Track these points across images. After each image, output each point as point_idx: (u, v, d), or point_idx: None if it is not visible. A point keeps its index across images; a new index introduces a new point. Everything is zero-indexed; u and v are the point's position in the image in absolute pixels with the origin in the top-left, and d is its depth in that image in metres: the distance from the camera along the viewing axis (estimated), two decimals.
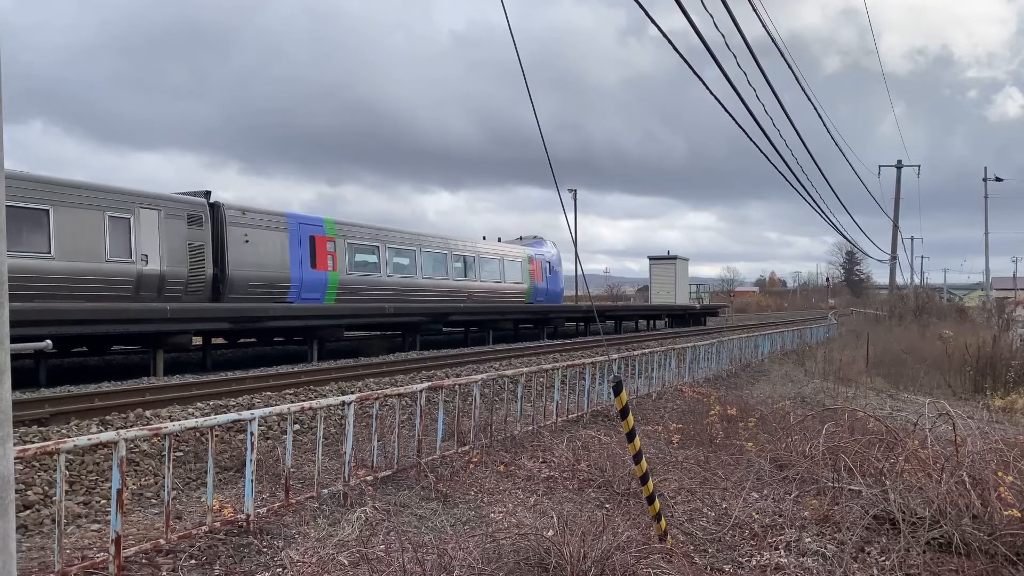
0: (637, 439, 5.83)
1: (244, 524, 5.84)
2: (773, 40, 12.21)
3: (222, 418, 6.13)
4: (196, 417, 9.97)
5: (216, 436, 6.47)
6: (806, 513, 6.77)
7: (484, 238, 35.37)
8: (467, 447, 8.57)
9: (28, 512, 6.49)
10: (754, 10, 10.31)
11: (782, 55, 13.47)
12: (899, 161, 48.20)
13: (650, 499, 5.81)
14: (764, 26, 11.44)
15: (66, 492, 5.68)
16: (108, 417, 10.18)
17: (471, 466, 8.12)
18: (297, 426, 9.70)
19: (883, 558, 5.82)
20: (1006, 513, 5.93)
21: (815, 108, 17.84)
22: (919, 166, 49.96)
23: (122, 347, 20.49)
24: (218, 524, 5.80)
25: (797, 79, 15.06)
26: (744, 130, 11.48)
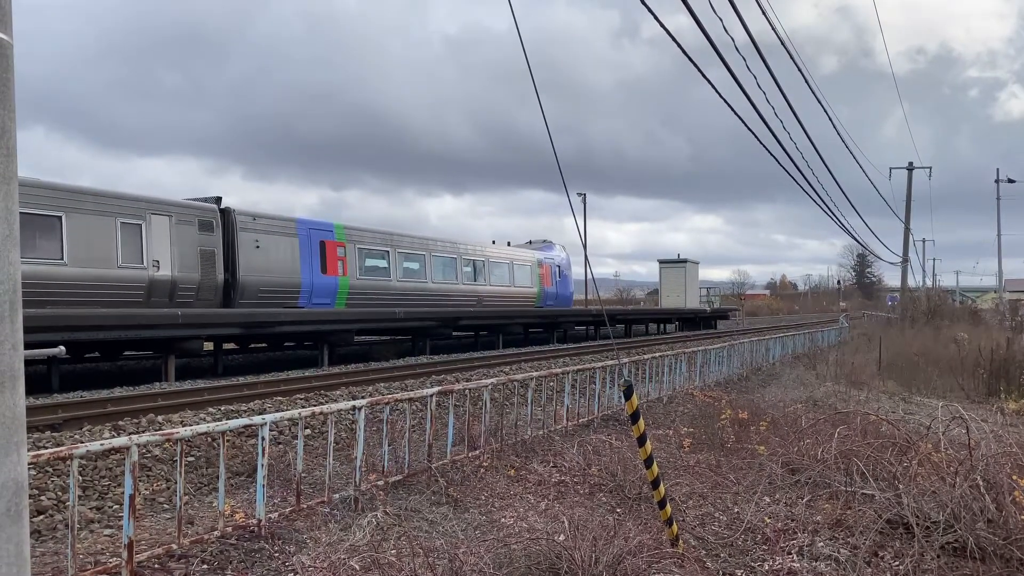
0: (648, 443, 5.81)
1: (255, 529, 5.85)
2: (780, 38, 12.18)
3: (233, 423, 6.14)
4: (208, 422, 10.01)
5: (228, 441, 6.50)
6: (819, 517, 6.73)
7: (494, 242, 35.39)
8: (478, 451, 8.57)
9: (41, 517, 6.53)
10: (761, 10, 10.29)
11: (789, 54, 13.42)
12: (910, 163, 47.93)
13: (661, 504, 5.79)
14: (771, 24, 11.41)
15: (79, 497, 5.71)
16: (121, 423, 10.22)
17: (482, 470, 8.11)
18: (308, 431, 9.72)
19: (897, 563, 5.78)
20: (1022, 517, 5.89)
21: (823, 108, 17.78)
22: (930, 168, 49.68)
23: (134, 353, 20.58)
24: (230, 529, 5.82)
25: (805, 79, 15.01)
26: (751, 130, 11.45)
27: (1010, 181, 54.27)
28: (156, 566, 5.23)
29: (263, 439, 5.92)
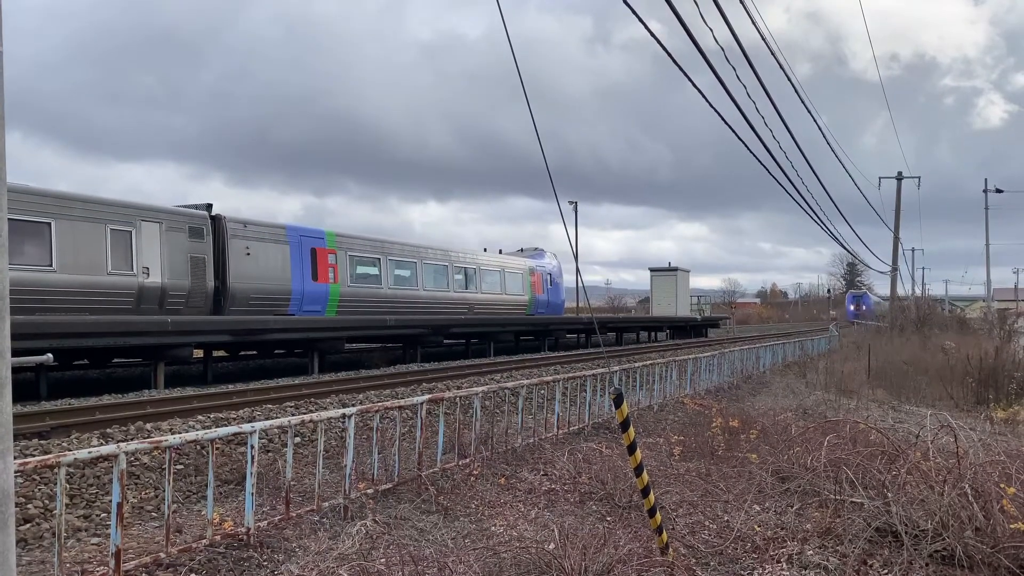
0: (638, 451, 5.81)
1: (244, 537, 5.83)
2: (765, 40, 12.22)
3: (223, 431, 6.12)
4: (197, 430, 9.96)
5: (217, 449, 6.46)
6: (808, 526, 6.75)
7: (485, 250, 35.42)
8: (468, 460, 8.55)
9: (28, 526, 6.48)
10: (746, 11, 10.35)
11: (774, 56, 13.50)
12: (899, 172, 48.23)
13: (651, 512, 5.79)
14: (758, 30, 11.46)
15: (66, 506, 5.67)
16: (109, 430, 10.16)
17: (472, 479, 8.10)
18: (298, 439, 9.69)
19: (886, 571, 5.80)
20: (1011, 526, 5.91)
21: (809, 112, 17.87)
22: (919, 178, 49.98)
23: (123, 360, 20.49)
24: (218, 538, 5.79)
25: (792, 83, 15.10)
26: (741, 139, 11.51)
27: (998, 191, 54.64)
28: (144, 575, 5.20)
29: (252, 447, 5.90)
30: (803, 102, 16.18)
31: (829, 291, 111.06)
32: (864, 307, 76.31)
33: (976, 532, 5.99)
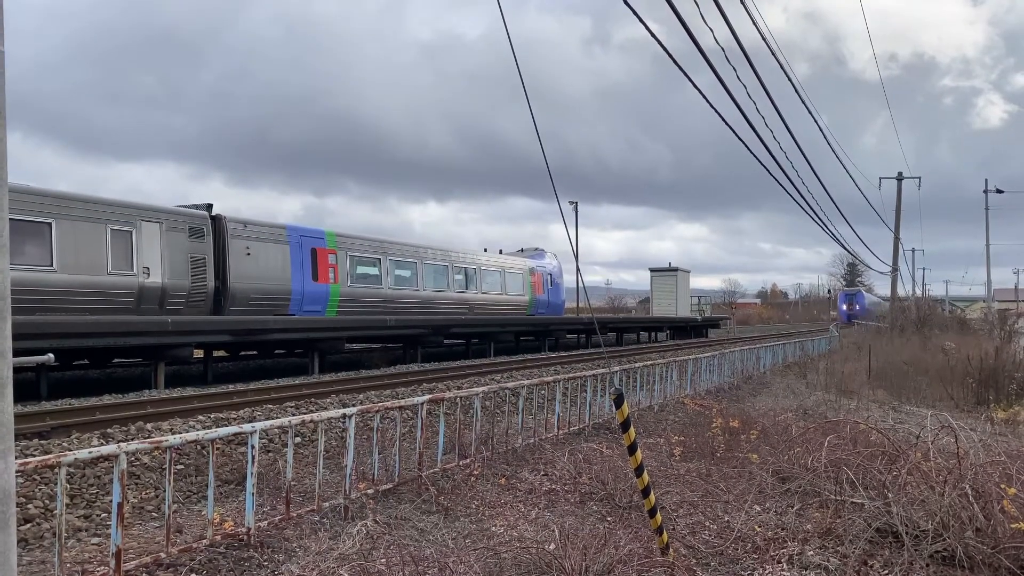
0: (639, 452, 5.81)
1: (245, 538, 5.83)
2: (765, 40, 12.22)
3: (223, 431, 6.12)
4: (197, 430, 9.96)
5: (217, 449, 6.47)
6: (809, 526, 6.75)
7: (485, 250, 35.41)
8: (468, 460, 8.55)
9: (29, 526, 6.48)
10: (747, 10, 10.35)
11: (778, 61, 13.51)
12: (900, 173, 48.22)
13: (652, 512, 5.79)
14: (758, 29, 11.47)
15: (67, 506, 5.67)
16: (109, 430, 10.17)
17: (472, 479, 8.10)
18: (298, 439, 9.69)
19: (886, 571, 5.80)
20: (1011, 526, 5.91)
21: (809, 112, 17.87)
22: (919, 178, 49.93)
23: (123, 360, 20.49)
24: (219, 538, 5.79)
25: (792, 83, 15.10)
26: (741, 139, 11.50)
27: (998, 191, 54.61)
28: (144, 575, 5.20)
29: (253, 447, 5.90)
30: (803, 102, 16.18)
31: (829, 291, 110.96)
32: (857, 307, 72.34)
33: (977, 532, 5.99)
